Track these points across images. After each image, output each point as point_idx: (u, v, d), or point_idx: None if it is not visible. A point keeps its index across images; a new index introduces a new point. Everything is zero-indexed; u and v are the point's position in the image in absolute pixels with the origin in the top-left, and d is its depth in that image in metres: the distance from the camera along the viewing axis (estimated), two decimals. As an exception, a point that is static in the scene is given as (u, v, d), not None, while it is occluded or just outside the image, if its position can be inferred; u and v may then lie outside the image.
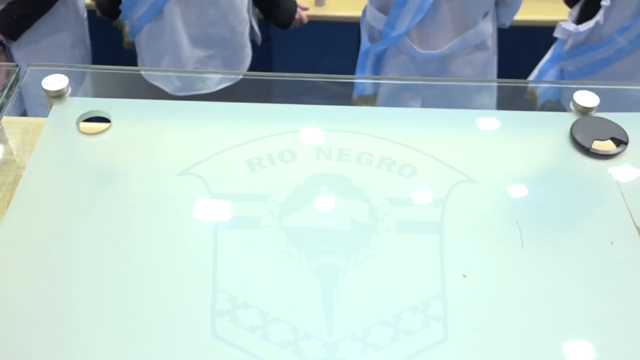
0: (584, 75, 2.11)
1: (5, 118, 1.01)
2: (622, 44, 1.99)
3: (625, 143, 0.94)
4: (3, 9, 2.04)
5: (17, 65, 1.03)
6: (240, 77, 2.06)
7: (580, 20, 2.05)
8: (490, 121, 1.02)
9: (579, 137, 0.94)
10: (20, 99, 1.56)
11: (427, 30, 2.00)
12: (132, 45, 2.25)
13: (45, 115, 1.01)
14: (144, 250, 0.79)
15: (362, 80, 2.15)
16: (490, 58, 2.10)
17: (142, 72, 2.00)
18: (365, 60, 2.14)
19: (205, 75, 2.15)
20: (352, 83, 2.10)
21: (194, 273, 0.77)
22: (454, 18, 1.97)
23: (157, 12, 2.06)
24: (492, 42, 2.08)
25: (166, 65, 2.15)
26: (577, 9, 2.08)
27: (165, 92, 2.15)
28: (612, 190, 0.89)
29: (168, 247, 0.80)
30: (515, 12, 2.08)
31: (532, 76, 2.29)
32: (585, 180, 0.91)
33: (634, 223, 0.84)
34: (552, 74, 2.18)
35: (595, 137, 0.94)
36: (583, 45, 2.07)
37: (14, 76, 1.01)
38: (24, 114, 1.97)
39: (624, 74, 2.05)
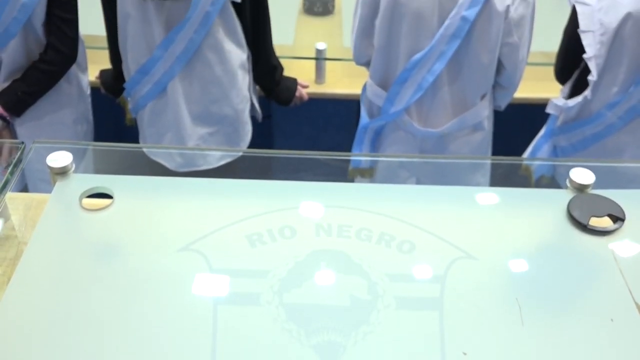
0: (577, 151, 2.14)
1: (8, 194, 1.02)
2: (612, 119, 2.03)
3: (622, 220, 0.95)
4: (8, 87, 2.09)
5: (22, 143, 1.05)
6: (241, 153, 2.09)
7: (571, 96, 2.10)
8: (488, 197, 1.03)
9: (576, 214, 0.95)
10: (22, 174, 1.58)
11: (426, 108, 2.04)
12: (135, 122, 2.29)
13: (46, 191, 1.03)
14: (145, 326, 0.79)
15: (360, 158, 2.18)
16: (486, 138, 2.14)
17: (144, 149, 2.03)
18: (363, 135, 2.18)
19: (206, 152, 2.18)
20: (351, 161, 2.13)
21: (193, 349, 0.77)
22: (453, 98, 2.02)
23: (161, 90, 2.11)
24: (488, 123, 2.12)
25: (168, 142, 2.18)
26: (568, 85, 2.13)
27: (166, 168, 2.17)
28: (611, 266, 0.89)
29: (168, 323, 0.80)
30: (511, 96, 2.13)
31: (527, 152, 2.32)
32: (583, 256, 0.91)
33: (634, 300, 0.84)
34: (545, 149, 2.22)
35: (593, 214, 0.95)
36: (574, 120, 2.11)
37: (19, 153, 1.03)
38: (25, 189, 1.98)
39: (615, 149, 2.08)
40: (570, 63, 2.09)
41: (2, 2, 1.93)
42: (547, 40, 2.34)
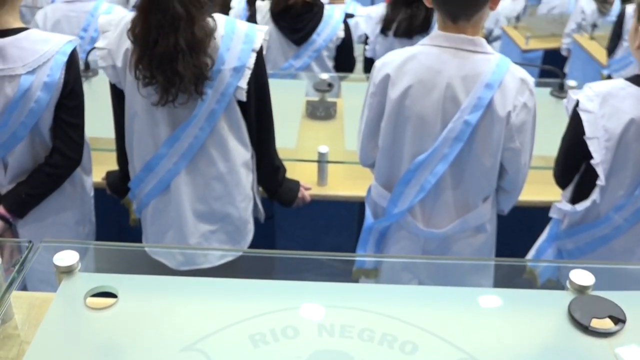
0: (584, 254, 2.13)
1: (13, 292, 1.03)
2: (619, 222, 2.04)
3: (623, 321, 0.95)
4: (12, 189, 2.10)
5: (30, 242, 1.07)
6: (242, 253, 2.09)
7: (574, 200, 2.12)
8: (490, 299, 1.04)
9: (577, 316, 0.96)
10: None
11: (429, 209, 2.07)
12: (138, 222, 2.30)
13: (46, 290, 1.03)
14: None
15: (363, 258, 2.18)
16: (489, 240, 2.15)
17: (146, 248, 2.03)
18: (368, 235, 2.19)
19: (207, 251, 2.18)
20: (353, 260, 2.13)
21: None
22: (456, 200, 2.04)
23: (164, 187, 2.14)
24: (491, 225, 2.14)
25: (170, 239, 2.18)
26: (569, 189, 2.16)
27: (168, 267, 2.17)
28: (614, 369, 0.89)
29: None
30: (514, 201, 2.16)
31: (530, 256, 2.31)
32: (585, 358, 0.91)
33: (638, 403, 0.83)
34: (550, 253, 2.22)
35: (594, 315, 0.96)
36: (580, 224, 2.12)
37: (26, 252, 1.05)
38: (24, 289, 1.98)
39: (623, 251, 2.08)
40: (570, 168, 2.12)
41: (10, 106, 1.97)
42: (546, 145, 2.38)
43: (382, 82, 1.98)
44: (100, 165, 2.43)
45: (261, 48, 2.02)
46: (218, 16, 1.97)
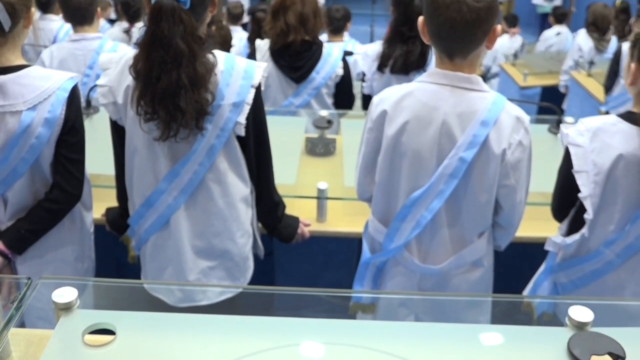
0: (577, 288, 2.14)
1: (11, 329, 1.03)
2: (610, 256, 2.04)
3: (623, 358, 0.95)
4: (12, 225, 2.10)
5: (29, 278, 1.07)
6: (241, 289, 2.08)
7: (569, 234, 2.13)
8: (489, 336, 1.03)
9: (576, 352, 0.96)
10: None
11: (425, 245, 2.07)
12: (137, 260, 2.30)
13: (44, 327, 1.03)
14: None
15: (360, 294, 2.18)
16: (486, 275, 2.15)
17: (145, 285, 2.03)
18: (365, 270, 2.19)
19: (206, 287, 2.17)
20: (352, 296, 2.12)
21: None
22: (452, 236, 2.05)
23: (163, 223, 2.14)
24: (488, 261, 2.14)
25: (169, 276, 2.18)
26: (565, 223, 2.17)
27: (166, 303, 2.16)
28: (614, 406, 0.89)
29: None
30: (510, 237, 2.16)
31: (527, 289, 2.32)
32: (585, 395, 0.91)
33: None
34: (546, 286, 2.22)
35: (593, 352, 0.96)
36: (573, 258, 2.13)
37: (25, 289, 1.05)
38: (21, 326, 1.97)
39: (616, 286, 2.08)
40: (566, 202, 2.13)
41: (11, 142, 1.99)
42: (544, 181, 2.40)
43: (379, 117, 2.00)
44: (100, 202, 2.44)
45: (259, 84, 2.04)
46: (218, 53, 2.00)
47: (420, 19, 1.94)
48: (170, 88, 1.89)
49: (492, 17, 1.84)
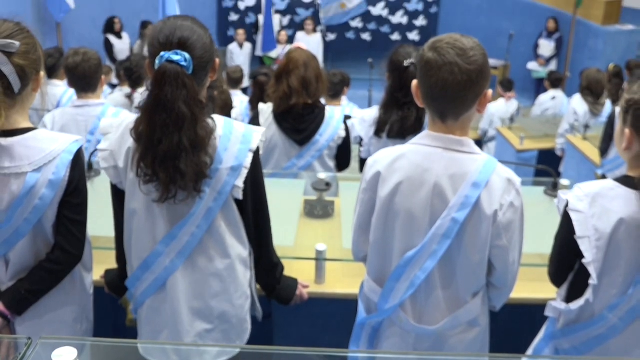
0: (581, 354, 2.12)
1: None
2: (614, 321, 2.03)
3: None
4: (13, 286, 2.10)
5: (29, 338, 1.08)
6: (239, 350, 2.07)
7: (569, 298, 2.12)
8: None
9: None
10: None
11: (420, 305, 2.07)
12: (135, 323, 2.29)
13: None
14: None
15: (356, 354, 2.17)
16: (482, 335, 2.15)
17: (139, 347, 2.01)
18: (361, 331, 2.19)
19: (202, 348, 2.15)
20: (347, 357, 2.11)
21: None
22: (446, 296, 2.06)
23: (160, 285, 2.13)
24: (483, 320, 2.14)
25: (165, 339, 2.15)
26: (564, 288, 2.17)
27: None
28: None
29: None
30: (505, 298, 2.17)
31: (527, 355, 2.29)
32: None
33: None
34: (547, 352, 2.20)
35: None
36: (575, 323, 2.11)
37: (25, 349, 1.06)
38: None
39: (620, 351, 2.06)
40: (564, 267, 2.14)
41: (15, 203, 2.01)
42: (541, 242, 2.41)
43: (373, 178, 2.04)
44: (100, 264, 2.45)
45: (258, 148, 2.09)
46: (217, 117, 2.06)
47: (414, 82, 2.00)
48: (172, 150, 1.93)
49: (483, 80, 1.90)
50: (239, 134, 2.06)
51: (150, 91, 1.94)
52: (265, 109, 3.49)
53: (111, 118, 2.20)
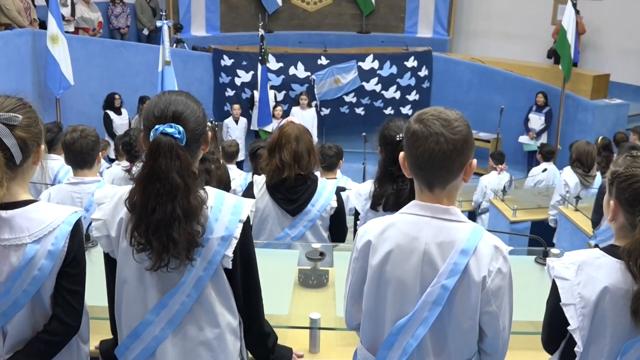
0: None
1: None
2: None
3: None
4: (9, 358, 2.09)
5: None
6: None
7: None
8: None
9: None
10: None
11: (412, 372, 2.08)
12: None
13: None
14: None
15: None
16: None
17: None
18: None
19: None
20: None
21: None
22: (437, 363, 2.07)
23: (150, 354, 2.12)
24: (477, 385, 2.14)
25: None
26: (557, 356, 2.18)
27: None
28: None
29: None
30: None
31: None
32: None
33: None
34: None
35: None
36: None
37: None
38: None
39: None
40: (555, 334, 2.15)
41: (14, 275, 2.03)
42: (533, 310, 2.43)
43: (364, 247, 2.09)
44: (95, 334, 2.44)
45: (248, 218, 2.13)
46: (209, 189, 2.12)
47: (402, 153, 2.07)
48: (165, 219, 1.98)
49: (467, 150, 1.98)
50: (229, 205, 2.12)
51: (145, 162, 2.00)
52: (259, 180, 3.56)
53: (105, 189, 2.25)
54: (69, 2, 11.40)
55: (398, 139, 3.26)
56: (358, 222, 3.69)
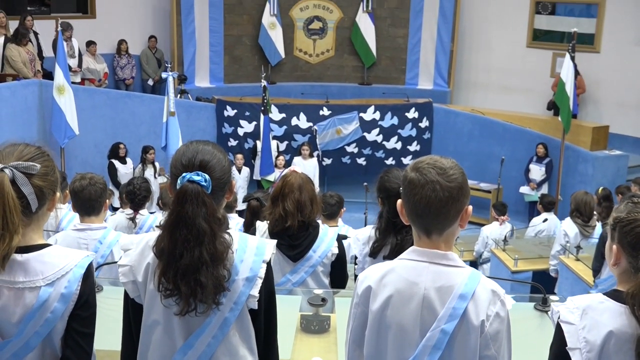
0: None
1: None
2: None
3: None
4: None
5: None
6: None
7: None
8: None
9: None
10: None
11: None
12: None
13: None
14: None
15: None
16: None
17: None
18: None
19: None
20: None
21: None
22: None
23: None
24: None
25: None
26: None
27: None
28: None
29: None
30: None
31: None
32: None
33: None
34: None
35: None
36: None
37: None
38: None
39: None
40: None
41: (27, 317, 2.05)
42: (533, 356, 2.44)
43: (365, 293, 2.12)
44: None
45: (270, 259, 2.18)
46: (233, 232, 2.16)
47: (399, 201, 2.13)
48: (193, 264, 2.03)
49: (463, 197, 2.04)
50: (252, 247, 2.17)
51: (172, 209, 2.06)
52: (262, 227, 3.60)
53: (129, 235, 2.29)
54: (77, 53, 11.60)
55: (401, 190, 3.30)
56: (356, 267, 3.72)
